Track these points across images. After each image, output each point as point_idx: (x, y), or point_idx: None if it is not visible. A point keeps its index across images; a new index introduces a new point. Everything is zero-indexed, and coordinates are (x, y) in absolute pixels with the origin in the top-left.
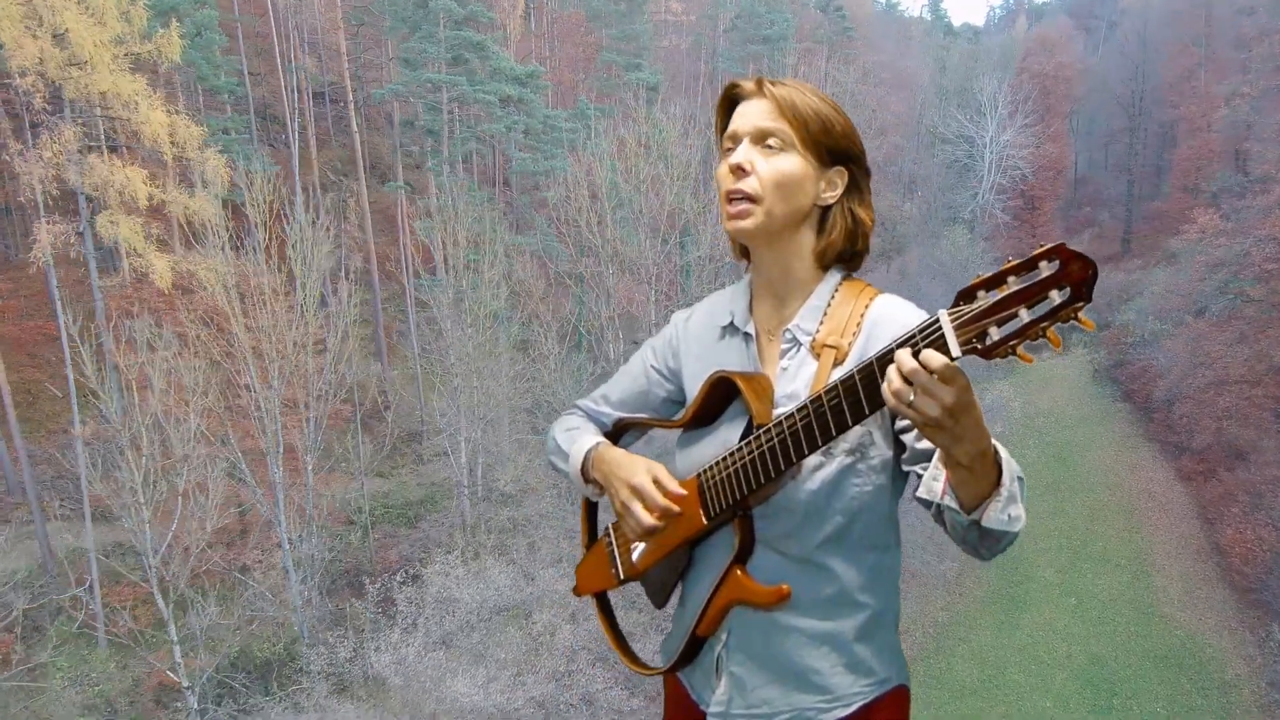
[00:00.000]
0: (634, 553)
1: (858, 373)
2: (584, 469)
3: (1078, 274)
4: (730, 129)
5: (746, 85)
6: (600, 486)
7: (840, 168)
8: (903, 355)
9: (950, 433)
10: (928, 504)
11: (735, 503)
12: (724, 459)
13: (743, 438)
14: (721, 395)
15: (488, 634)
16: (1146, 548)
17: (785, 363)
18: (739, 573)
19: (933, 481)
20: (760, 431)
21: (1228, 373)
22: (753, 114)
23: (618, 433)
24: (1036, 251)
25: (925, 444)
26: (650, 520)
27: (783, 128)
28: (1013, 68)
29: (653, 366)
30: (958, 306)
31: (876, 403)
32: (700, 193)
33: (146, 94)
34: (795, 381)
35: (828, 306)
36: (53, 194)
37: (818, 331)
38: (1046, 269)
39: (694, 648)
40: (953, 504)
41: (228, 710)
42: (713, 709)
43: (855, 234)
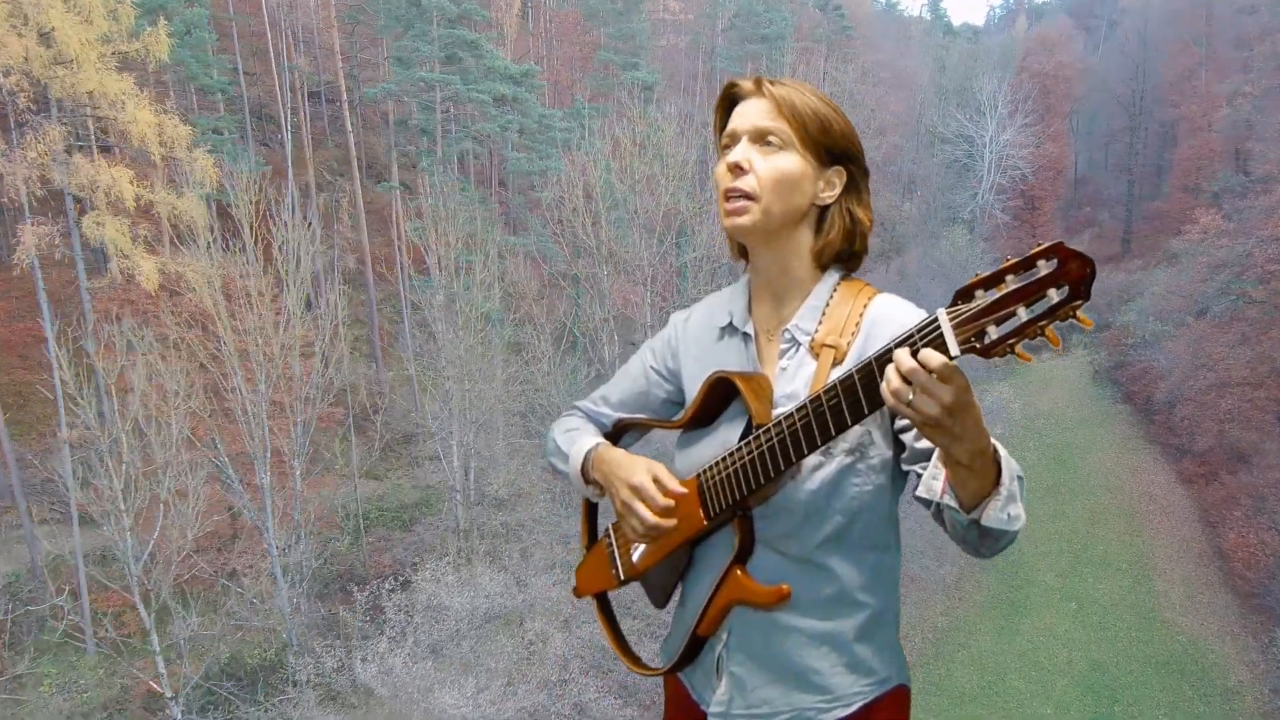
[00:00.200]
0: (634, 553)
1: (857, 372)
2: (584, 469)
3: (1076, 272)
4: (729, 128)
5: (745, 84)
6: (600, 487)
7: (839, 167)
8: (901, 354)
9: (949, 432)
10: (927, 503)
11: (735, 503)
12: (723, 459)
13: (742, 438)
14: (721, 395)
15: (478, 642)
16: (1148, 552)
17: (784, 363)
18: (739, 573)
19: (932, 481)
20: (760, 432)
21: (1230, 375)
22: (751, 113)
23: (617, 433)
24: (1034, 250)
25: (924, 443)
26: (651, 519)
27: (781, 127)
28: (1013, 67)
29: (652, 367)
30: (956, 306)
31: (876, 402)
32: (696, 193)
33: (134, 93)
34: (794, 381)
35: (826, 306)
36: (38, 195)
37: (816, 331)
38: (1045, 267)
39: (694, 648)
40: (952, 503)
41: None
42: (713, 709)
43: (853, 234)
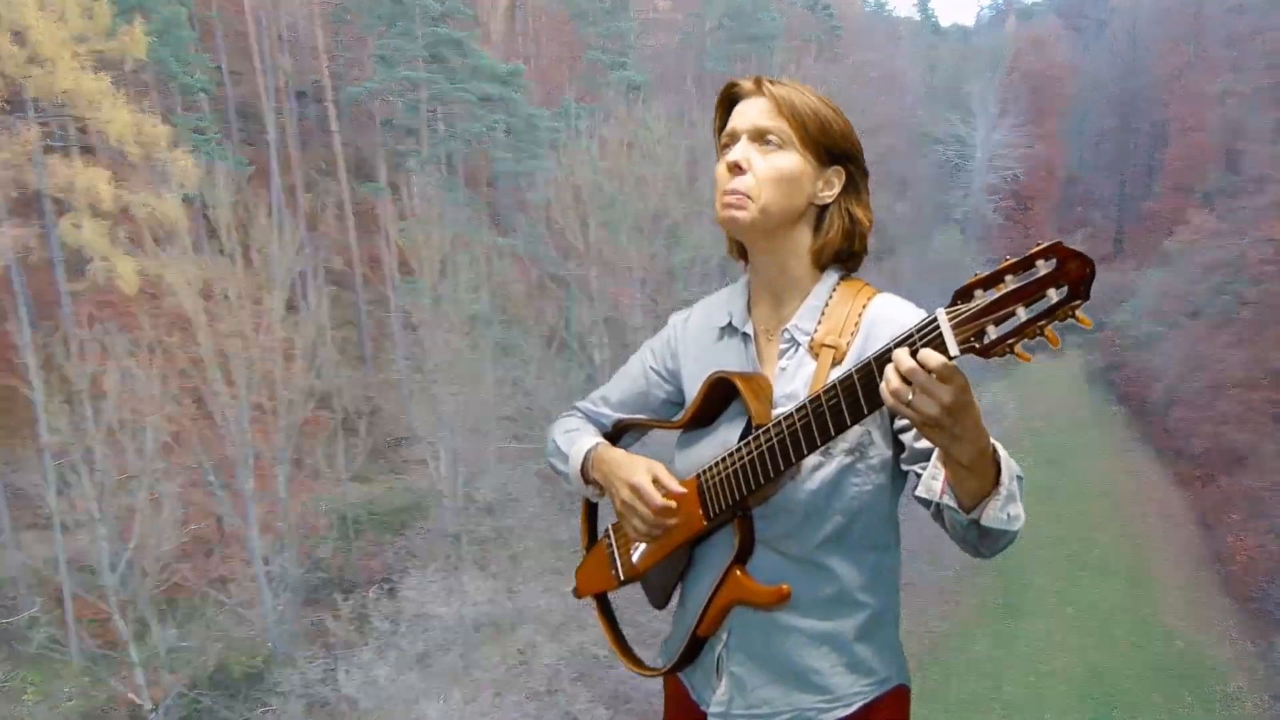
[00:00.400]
0: (634, 553)
1: (856, 373)
2: (584, 470)
3: (1075, 272)
4: (729, 127)
5: (745, 84)
6: (600, 487)
7: (838, 167)
8: (901, 354)
9: (949, 432)
10: (926, 503)
11: (735, 503)
12: (723, 459)
13: (742, 438)
14: (720, 396)
15: (466, 652)
16: (1145, 555)
17: (784, 363)
18: (739, 573)
19: (931, 480)
20: (759, 432)
21: (1225, 376)
22: (751, 112)
23: (617, 434)
24: (1033, 250)
25: (924, 443)
26: (651, 518)
27: (781, 126)
28: (1003, 67)
29: (651, 368)
30: (955, 305)
31: (875, 402)
32: (687, 193)
33: (111, 93)
34: (794, 381)
35: (825, 306)
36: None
37: (816, 331)
38: (1044, 267)
39: (694, 648)
40: (951, 503)
41: None
42: (713, 709)
43: (853, 234)
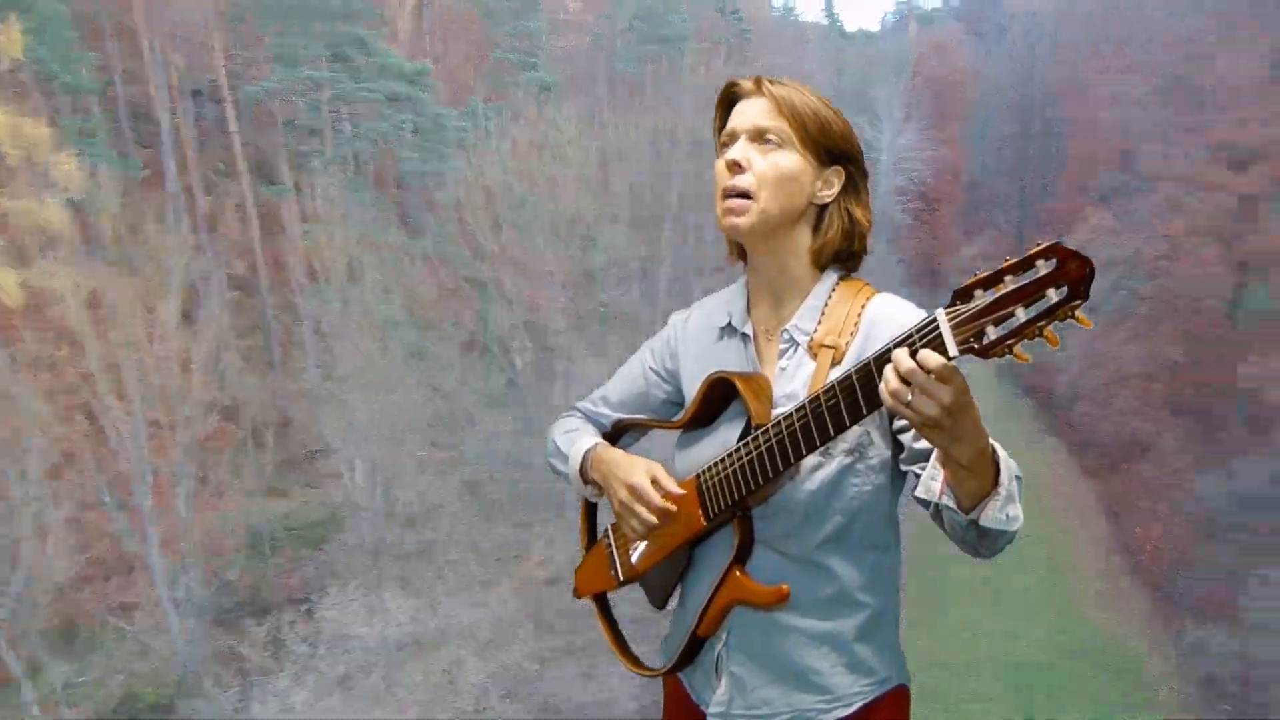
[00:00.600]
0: (633, 554)
1: (856, 373)
2: (582, 470)
3: (1075, 272)
4: (728, 127)
5: (745, 84)
6: (599, 487)
7: (837, 167)
8: (900, 355)
9: (948, 432)
10: (925, 504)
11: (734, 503)
12: (723, 460)
13: (741, 438)
14: (720, 396)
15: (388, 673)
16: (1060, 545)
17: (783, 363)
18: (738, 573)
19: (930, 481)
20: (759, 432)
21: (1124, 370)
22: (751, 112)
23: (616, 434)
24: (1033, 250)
25: (923, 444)
26: (650, 518)
27: (781, 126)
28: (907, 72)
29: (651, 368)
30: (955, 306)
31: (874, 403)
32: (600, 195)
33: None
34: (793, 382)
35: (825, 306)
36: None
37: (815, 331)
38: (1043, 267)
39: (694, 648)
40: (950, 504)
41: None
42: (713, 709)
43: (852, 234)
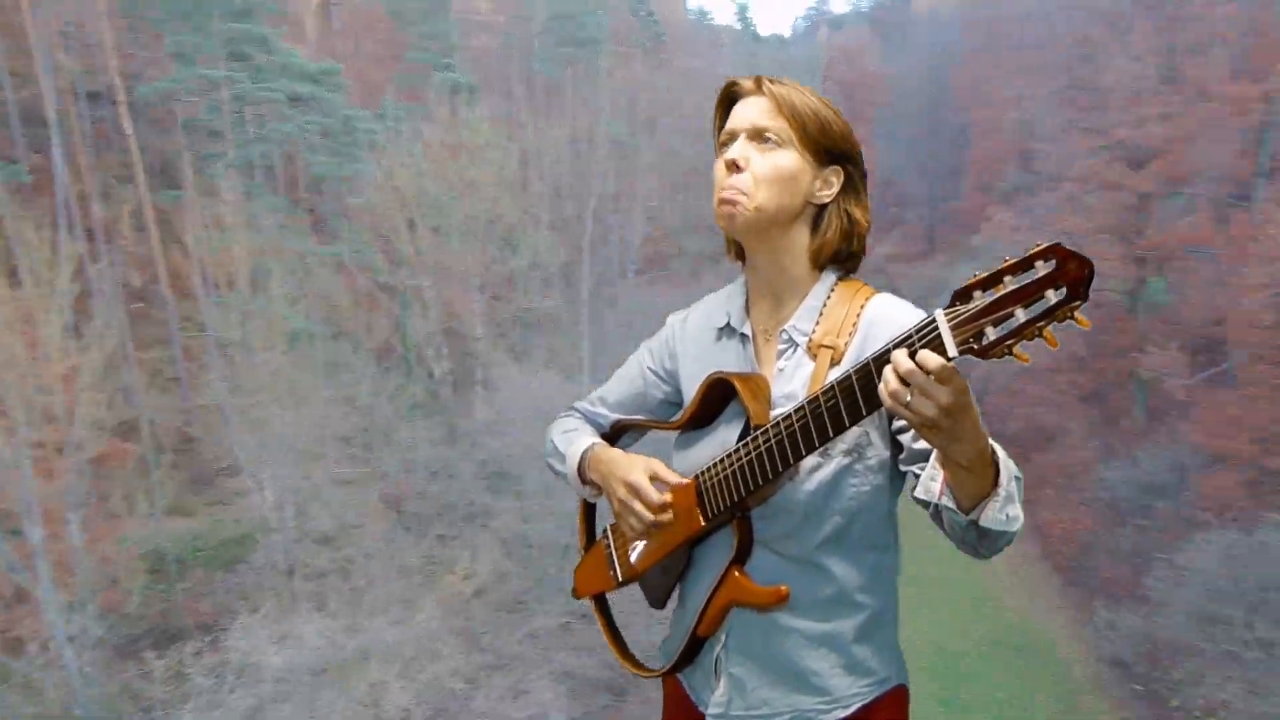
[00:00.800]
0: (632, 554)
1: (855, 374)
2: (581, 470)
3: (1074, 273)
4: (728, 126)
5: (745, 83)
6: (598, 487)
7: (836, 167)
8: (899, 356)
9: (948, 433)
10: (925, 504)
11: (733, 504)
12: (722, 460)
13: (740, 439)
14: (719, 396)
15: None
16: None
17: (782, 363)
18: (737, 574)
19: (930, 482)
20: (758, 433)
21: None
22: (750, 112)
23: (615, 434)
24: (1032, 251)
25: (922, 444)
26: (649, 515)
27: (780, 125)
28: (819, 76)
29: (649, 368)
30: (954, 307)
31: (874, 404)
32: (520, 196)
33: None
34: (792, 382)
35: (824, 307)
36: None
37: (814, 332)
38: (1043, 268)
39: (694, 648)
40: (950, 504)
41: None
42: (712, 710)
43: (851, 234)
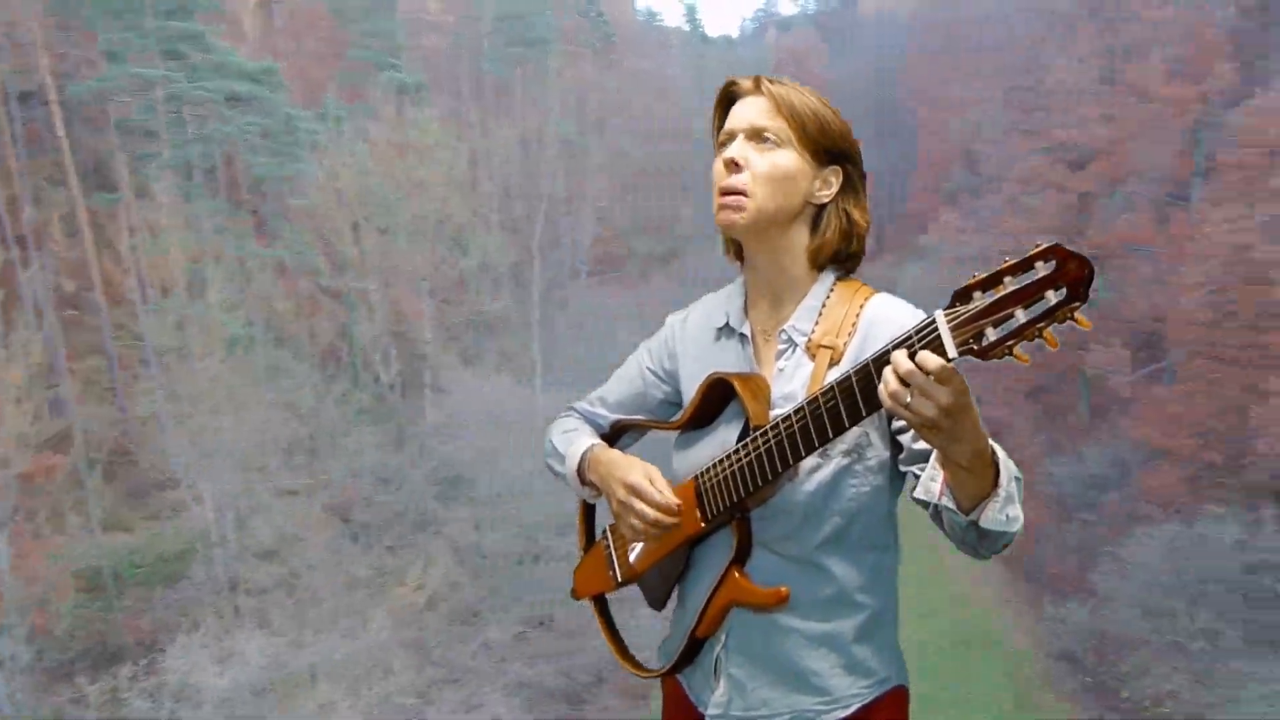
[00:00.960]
0: (632, 555)
1: (854, 374)
2: (580, 470)
3: (1074, 274)
4: (726, 126)
5: (744, 83)
6: (597, 488)
7: (836, 167)
8: (899, 357)
9: (948, 434)
10: (925, 504)
11: (733, 505)
12: (721, 461)
13: (740, 439)
14: (718, 396)
15: None
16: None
17: (781, 364)
18: (737, 574)
19: (930, 482)
20: (757, 434)
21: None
22: (749, 111)
23: (615, 435)
24: (1032, 252)
25: (922, 445)
26: (649, 515)
27: (779, 125)
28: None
29: (649, 368)
30: (954, 307)
31: (873, 404)
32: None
33: None
34: (792, 382)
35: (823, 306)
36: None
37: (813, 332)
38: (1043, 269)
39: (693, 649)
40: (950, 505)
41: None
42: (711, 710)
43: (850, 234)
